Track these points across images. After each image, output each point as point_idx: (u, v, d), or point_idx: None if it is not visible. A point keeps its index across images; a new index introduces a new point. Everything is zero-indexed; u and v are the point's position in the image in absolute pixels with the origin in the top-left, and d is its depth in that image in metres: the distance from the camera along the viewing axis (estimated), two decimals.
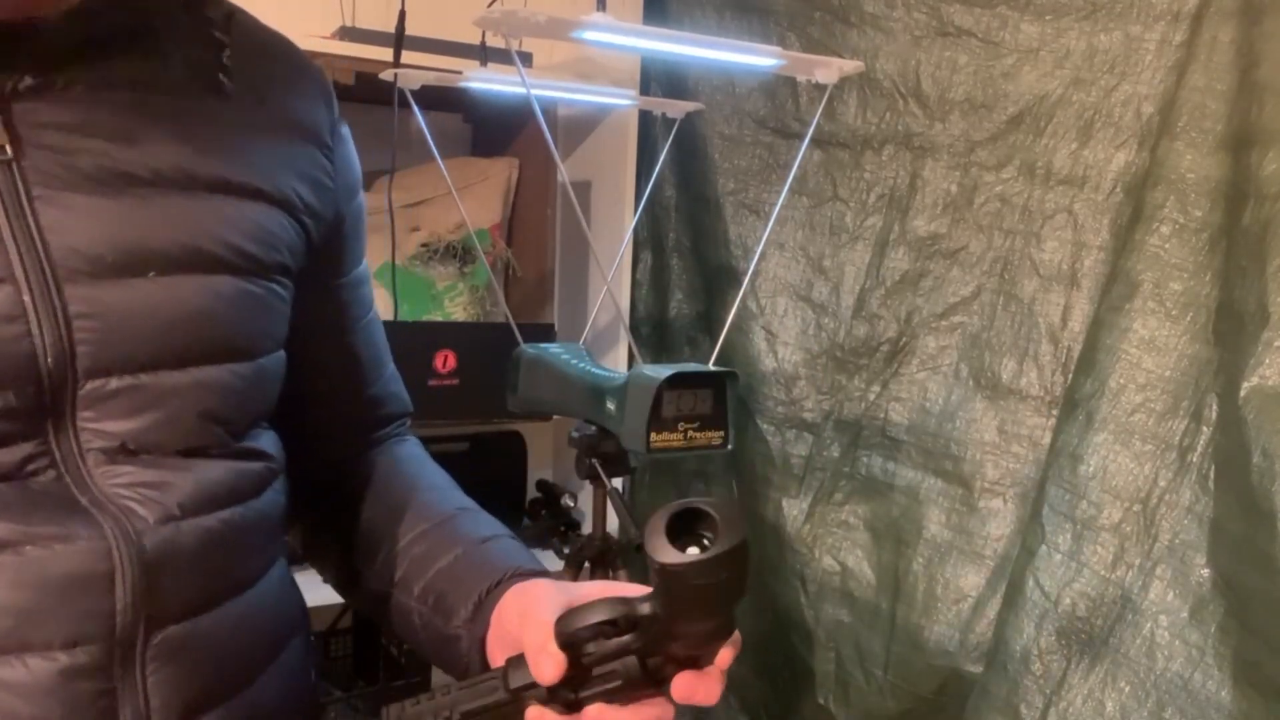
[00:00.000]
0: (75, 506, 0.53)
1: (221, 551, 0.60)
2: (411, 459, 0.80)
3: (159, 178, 0.57)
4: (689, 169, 1.78)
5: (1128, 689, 1.20)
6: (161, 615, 0.55)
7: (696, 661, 0.52)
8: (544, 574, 0.66)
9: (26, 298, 0.52)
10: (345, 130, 0.73)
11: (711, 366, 1.05)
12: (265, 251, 0.62)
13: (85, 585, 0.53)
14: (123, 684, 0.54)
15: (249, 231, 0.61)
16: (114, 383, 0.54)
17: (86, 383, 0.54)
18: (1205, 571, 1.16)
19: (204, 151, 0.59)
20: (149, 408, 0.56)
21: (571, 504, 1.73)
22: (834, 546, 1.62)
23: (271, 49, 0.67)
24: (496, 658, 0.61)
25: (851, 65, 1.06)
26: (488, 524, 0.72)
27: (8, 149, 0.52)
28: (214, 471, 0.60)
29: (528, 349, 1.21)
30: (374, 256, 1.58)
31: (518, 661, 0.55)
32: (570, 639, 0.52)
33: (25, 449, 0.52)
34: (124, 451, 0.56)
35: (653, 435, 1.00)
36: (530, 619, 0.56)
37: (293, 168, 0.65)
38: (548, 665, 0.53)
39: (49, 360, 0.52)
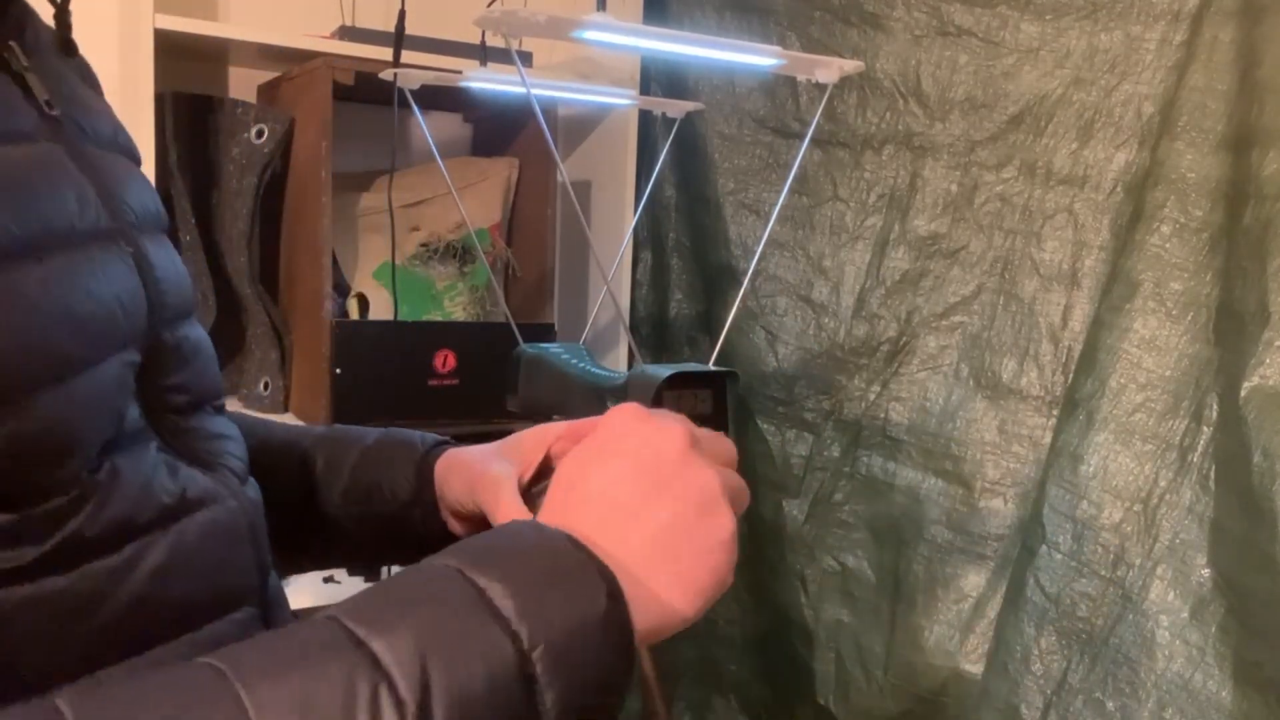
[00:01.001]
0: (187, 467, 0.53)
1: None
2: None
3: (115, 144, 0.58)
4: (689, 169, 1.78)
5: (1128, 689, 1.20)
6: (266, 572, 0.57)
7: None
8: (455, 444, 0.69)
9: (131, 249, 0.51)
10: None
11: (711, 366, 1.05)
12: None
13: (239, 542, 0.54)
14: None
15: None
16: (168, 336, 0.54)
17: (158, 337, 0.53)
18: (1206, 571, 1.16)
19: (110, 114, 0.60)
20: (193, 357, 0.56)
21: None
22: (834, 546, 1.61)
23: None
24: (456, 527, 0.66)
25: (852, 65, 1.06)
26: (364, 429, 0.74)
27: (54, 105, 0.51)
28: (235, 428, 0.61)
29: (528, 349, 1.21)
30: (374, 256, 1.58)
31: None
32: None
33: (136, 411, 0.51)
34: (189, 408, 0.56)
35: None
36: (490, 493, 0.60)
37: None
38: None
39: (153, 315, 0.52)
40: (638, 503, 0.46)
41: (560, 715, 0.40)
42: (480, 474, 0.63)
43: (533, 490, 0.62)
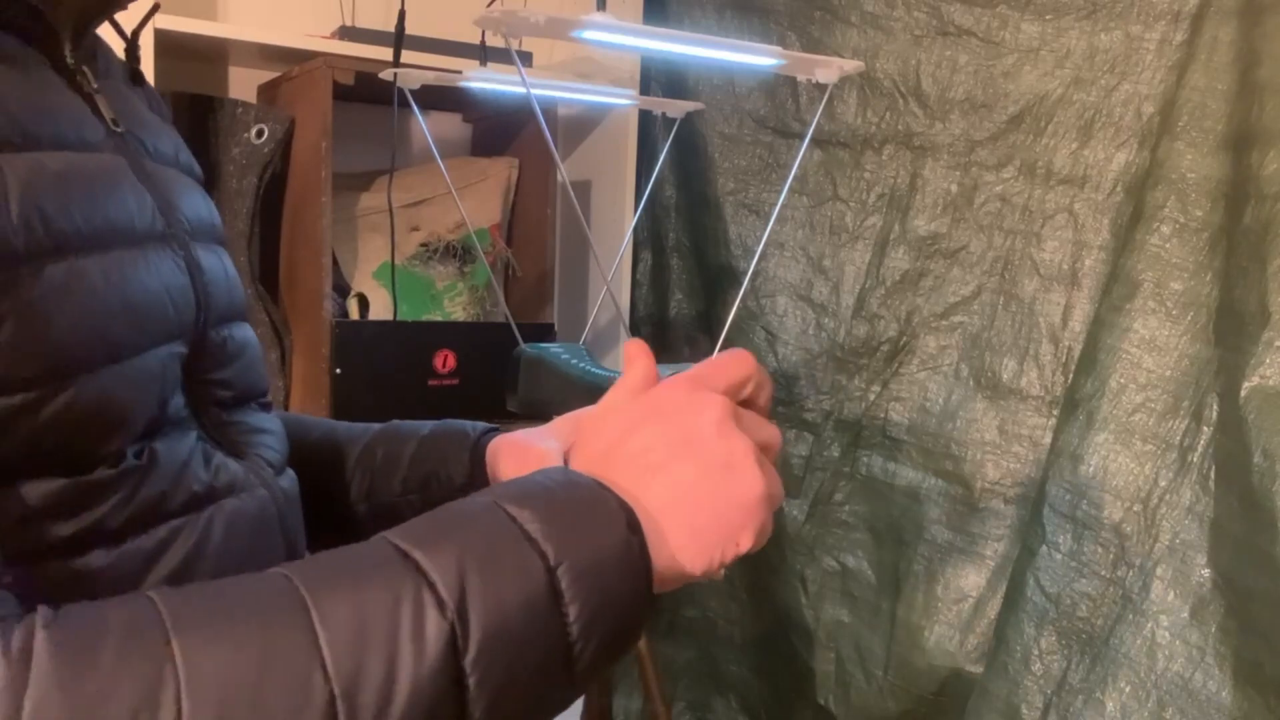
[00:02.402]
0: (224, 456, 0.57)
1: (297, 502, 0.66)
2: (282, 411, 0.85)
3: (176, 162, 0.63)
4: (689, 169, 1.78)
5: (1128, 689, 1.20)
6: (297, 558, 0.61)
7: None
8: (502, 430, 0.75)
9: (183, 253, 0.56)
10: None
11: None
12: None
13: (268, 528, 0.58)
14: None
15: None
16: (213, 334, 0.59)
17: (204, 334, 0.58)
18: (1205, 571, 1.16)
19: (173, 136, 0.65)
20: (238, 356, 0.61)
21: None
22: (834, 546, 1.61)
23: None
24: None
25: (852, 65, 1.06)
26: (418, 422, 0.79)
27: (119, 123, 0.57)
28: (277, 423, 0.66)
29: (528, 349, 1.21)
30: (374, 256, 1.58)
31: None
32: None
33: (180, 401, 0.55)
34: (232, 402, 0.61)
35: None
36: (539, 467, 0.65)
37: None
38: None
39: (200, 313, 0.57)
40: (665, 459, 0.50)
41: (584, 630, 0.45)
42: (528, 450, 0.69)
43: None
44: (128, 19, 0.64)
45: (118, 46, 0.66)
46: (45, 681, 0.37)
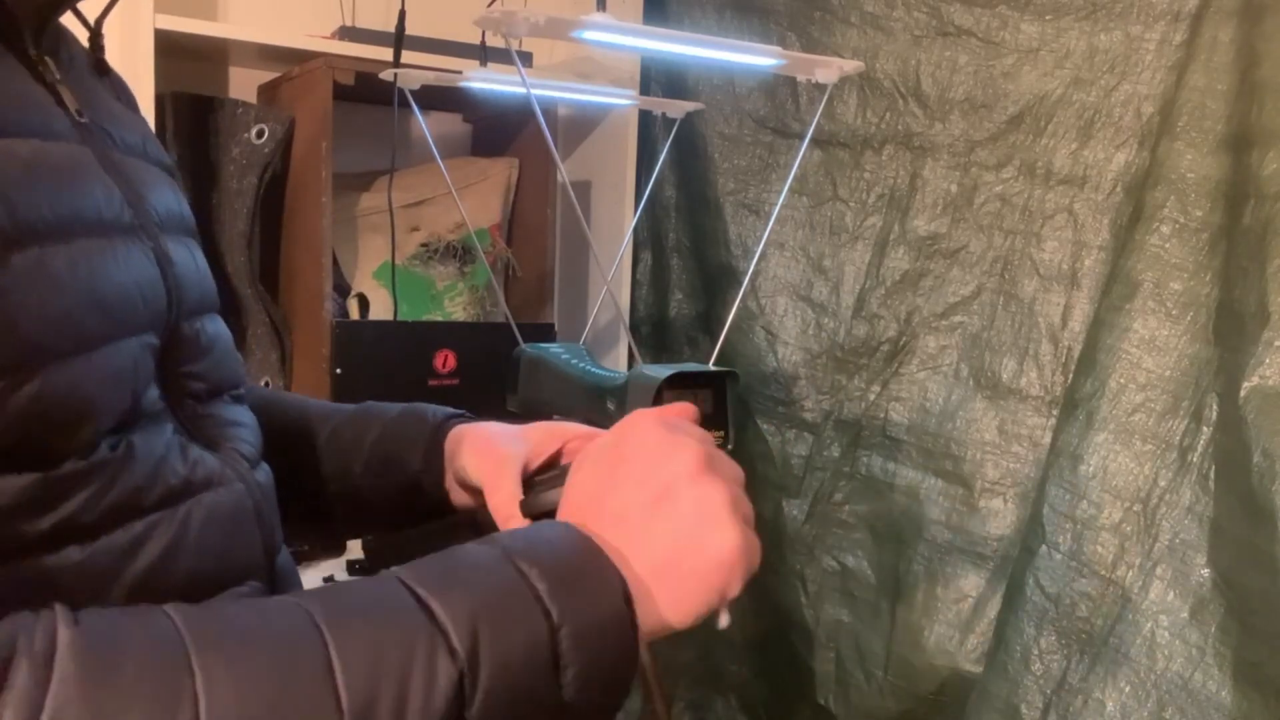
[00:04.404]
0: (200, 450, 0.57)
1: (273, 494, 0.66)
2: (262, 389, 0.84)
3: (143, 153, 0.62)
4: (689, 169, 1.78)
5: (1128, 689, 1.20)
6: (273, 551, 0.62)
7: None
8: (474, 418, 0.75)
9: (152, 244, 0.56)
10: None
11: (711, 366, 1.06)
12: None
13: (245, 522, 0.58)
14: None
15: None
16: (186, 327, 0.59)
17: (176, 327, 0.58)
18: (1205, 571, 1.16)
19: (141, 127, 0.65)
20: (211, 348, 0.61)
21: None
22: (834, 546, 1.61)
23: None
24: (459, 496, 0.72)
25: (851, 65, 1.06)
26: (390, 404, 0.79)
27: (84, 114, 0.56)
28: (251, 416, 0.66)
29: (528, 349, 1.21)
30: (374, 256, 1.58)
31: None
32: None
33: (155, 394, 0.55)
34: (207, 395, 0.60)
35: None
36: (493, 471, 0.66)
37: None
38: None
39: (171, 305, 0.56)
40: (643, 521, 0.52)
41: (576, 693, 0.46)
42: (489, 449, 0.68)
43: (535, 479, 0.66)
44: (92, 8, 0.63)
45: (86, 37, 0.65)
46: (67, 688, 0.37)
